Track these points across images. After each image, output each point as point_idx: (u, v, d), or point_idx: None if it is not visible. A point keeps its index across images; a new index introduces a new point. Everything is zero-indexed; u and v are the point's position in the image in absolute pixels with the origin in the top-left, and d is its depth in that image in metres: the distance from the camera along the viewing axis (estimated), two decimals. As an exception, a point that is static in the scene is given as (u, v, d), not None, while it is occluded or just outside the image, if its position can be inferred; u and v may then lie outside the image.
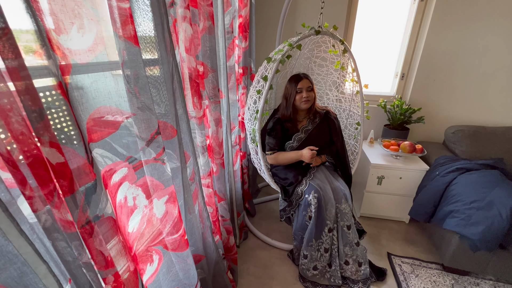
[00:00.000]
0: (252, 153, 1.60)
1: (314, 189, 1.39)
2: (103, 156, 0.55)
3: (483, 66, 1.92)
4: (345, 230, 1.42)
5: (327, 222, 1.40)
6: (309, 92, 1.44)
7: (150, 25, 0.64)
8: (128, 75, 0.64)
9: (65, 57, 0.45)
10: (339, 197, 1.43)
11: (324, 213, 1.39)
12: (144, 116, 0.66)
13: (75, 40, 0.48)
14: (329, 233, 1.41)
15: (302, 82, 1.43)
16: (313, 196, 1.37)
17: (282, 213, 1.56)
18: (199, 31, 0.99)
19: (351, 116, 1.84)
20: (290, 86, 1.47)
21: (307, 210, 1.40)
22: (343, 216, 1.42)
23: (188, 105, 0.98)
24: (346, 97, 1.84)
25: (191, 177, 1.02)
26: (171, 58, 0.78)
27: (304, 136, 1.53)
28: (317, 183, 1.44)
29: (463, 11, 1.83)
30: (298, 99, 1.45)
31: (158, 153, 0.68)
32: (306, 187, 1.44)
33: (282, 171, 1.57)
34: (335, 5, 2.01)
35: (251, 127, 1.47)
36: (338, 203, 1.42)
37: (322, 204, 1.38)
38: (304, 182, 1.47)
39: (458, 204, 1.41)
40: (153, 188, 0.70)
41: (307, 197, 1.39)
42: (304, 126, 1.55)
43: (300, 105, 1.46)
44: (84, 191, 0.45)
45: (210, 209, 1.21)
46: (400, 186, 1.87)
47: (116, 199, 0.60)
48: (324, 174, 1.55)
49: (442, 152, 1.93)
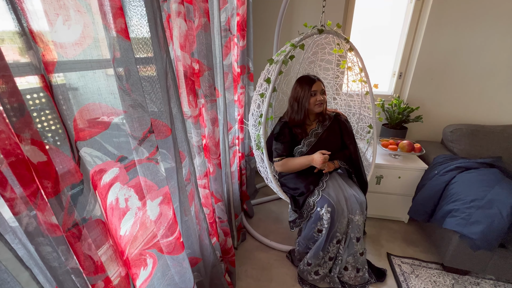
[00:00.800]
0: (258, 161, 1.49)
1: (327, 202, 1.29)
2: (93, 156, 0.52)
3: (480, 65, 1.92)
4: (353, 241, 1.34)
5: (337, 234, 1.32)
6: (323, 95, 1.38)
7: (143, 19, 0.62)
8: (119, 71, 0.62)
9: (48, 50, 0.42)
10: (353, 207, 1.32)
11: (336, 227, 1.30)
12: (136, 114, 0.63)
13: (60, 32, 0.45)
14: (337, 244, 1.34)
15: (316, 85, 1.36)
16: (326, 210, 1.27)
17: (292, 225, 1.44)
18: (194, 28, 0.96)
19: (362, 119, 1.76)
20: (302, 89, 1.37)
21: (317, 223, 1.32)
22: (354, 228, 1.32)
23: (183, 104, 0.95)
24: (355, 100, 1.76)
25: (187, 178, 0.99)
26: (165, 55, 0.75)
27: (314, 139, 1.43)
28: (330, 194, 1.33)
29: (459, 10, 1.83)
30: (313, 102, 1.36)
31: (151, 152, 0.66)
32: (318, 198, 1.33)
33: (291, 180, 1.46)
34: (332, 4, 2.00)
35: (256, 133, 1.37)
36: (352, 214, 1.32)
37: (335, 219, 1.28)
38: (317, 192, 1.36)
39: (457, 203, 1.40)
40: (146, 189, 0.67)
41: (319, 210, 1.30)
42: (314, 129, 1.46)
43: (314, 108, 1.38)
44: (70, 192, 0.43)
45: (207, 211, 1.19)
46: (399, 185, 1.85)
47: (106, 200, 0.57)
48: (337, 182, 1.43)
49: (440, 151, 1.92)
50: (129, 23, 0.58)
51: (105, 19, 0.55)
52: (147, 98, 0.70)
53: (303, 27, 1.45)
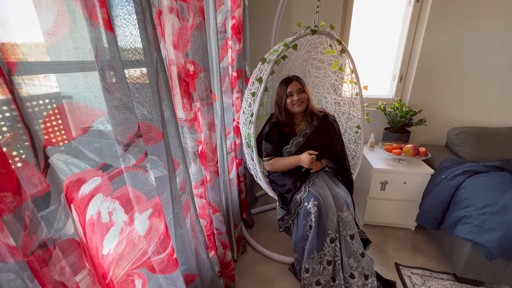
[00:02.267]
0: (248, 159, 1.51)
1: (313, 196, 1.30)
2: (68, 163, 0.45)
3: (482, 66, 1.89)
4: (348, 240, 1.33)
5: (328, 231, 1.31)
6: (300, 94, 1.38)
7: (129, 8, 0.56)
8: (103, 68, 0.55)
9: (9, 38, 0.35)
10: (341, 204, 1.34)
11: (325, 222, 1.30)
12: (121, 116, 0.56)
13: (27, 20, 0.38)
14: (331, 243, 1.31)
15: (292, 85, 1.38)
16: (313, 204, 1.28)
17: (281, 223, 1.46)
18: (188, 27, 0.91)
19: (351, 119, 1.77)
20: (280, 90, 1.41)
21: (307, 219, 1.31)
22: (345, 225, 1.33)
23: (176, 107, 0.89)
24: (345, 100, 1.77)
25: (182, 187, 0.91)
26: (155, 52, 0.69)
27: (302, 140, 1.46)
28: (317, 190, 1.35)
29: (459, 11, 1.80)
30: (290, 103, 1.39)
31: (139, 159, 0.58)
32: (305, 194, 1.35)
33: (279, 177, 1.49)
34: (330, 7, 1.98)
35: (246, 132, 1.39)
36: (340, 211, 1.33)
37: (322, 212, 1.29)
38: (303, 188, 1.38)
39: (469, 209, 1.33)
40: (134, 200, 0.60)
41: (306, 205, 1.30)
42: (302, 129, 1.47)
43: (293, 109, 1.40)
44: (31, 207, 0.35)
45: (204, 222, 1.10)
46: (404, 191, 1.78)
47: (86, 215, 0.49)
48: (324, 180, 1.46)
49: (445, 155, 1.86)
50: (113, 13, 0.52)
51: (85, 8, 0.49)
52: (135, 99, 0.63)
53: (298, 29, 1.41)
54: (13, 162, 0.35)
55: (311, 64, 1.87)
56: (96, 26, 0.52)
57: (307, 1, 2.01)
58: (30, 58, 0.40)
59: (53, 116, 0.43)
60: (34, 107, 0.38)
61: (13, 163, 0.35)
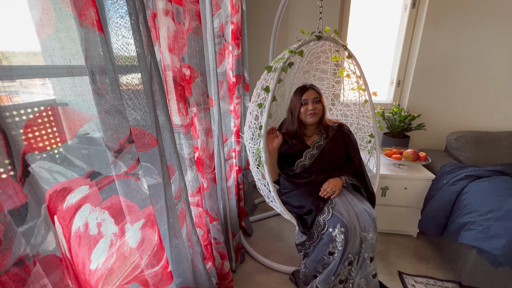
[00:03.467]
0: (257, 178, 1.32)
1: (340, 222, 1.15)
2: (52, 172, 0.42)
3: (480, 70, 1.89)
4: (367, 262, 1.20)
5: (349, 256, 1.19)
6: (316, 104, 1.28)
7: (121, 10, 0.53)
8: (93, 71, 0.53)
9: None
10: (366, 224, 1.18)
11: (349, 249, 1.17)
12: (112, 121, 0.53)
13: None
14: (348, 266, 1.20)
15: (308, 93, 1.27)
16: (340, 231, 1.12)
17: (301, 248, 1.30)
18: (184, 31, 0.89)
19: (361, 129, 1.68)
20: (295, 98, 1.31)
21: (329, 245, 1.18)
22: (368, 247, 1.18)
23: (172, 112, 0.86)
24: (352, 109, 1.69)
25: (177, 195, 0.88)
26: (149, 55, 0.66)
27: (316, 152, 1.34)
28: (341, 212, 1.19)
29: (455, 16, 1.82)
30: (304, 112, 1.28)
31: (131, 166, 0.55)
32: (329, 216, 1.19)
33: (294, 197, 1.33)
34: (326, 13, 1.98)
35: (255, 147, 1.22)
36: (365, 231, 1.18)
37: (348, 239, 1.15)
38: (326, 210, 1.21)
39: (473, 215, 1.30)
40: (125, 210, 0.56)
41: (331, 231, 1.15)
42: (315, 141, 1.36)
43: (306, 119, 1.29)
44: (5, 220, 0.32)
45: (201, 232, 1.06)
46: (405, 196, 1.75)
47: (71, 227, 0.46)
48: (346, 197, 1.29)
49: (445, 160, 1.84)
50: (102, 13, 0.49)
51: (73, 7, 0.46)
52: (127, 103, 0.61)
53: (299, 36, 1.40)
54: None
55: (313, 76, 1.81)
56: (86, 26, 0.50)
57: (305, 8, 2.02)
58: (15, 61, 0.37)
59: (36, 121, 0.40)
60: (12, 111, 0.35)
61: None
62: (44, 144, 0.40)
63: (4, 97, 0.35)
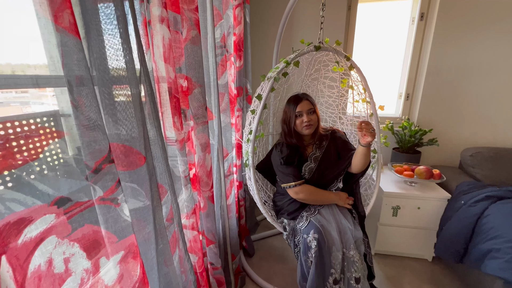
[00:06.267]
0: (246, 178, 1.36)
1: (314, 227, 1.13)
2: (5, 200, 0.34)
3: (493, 83, 1.81)
4: (352, 284, 1.12)
5: (331, 271, 1.11)
6: (310, 116, 1.24)
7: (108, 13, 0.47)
8: (70, 80, 0.46)
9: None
10: (347, 240, 1.15)
11: (328, 259, 1.11)
12: (89, 138, 0.46)
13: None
14: (335, 285, 1.11)
15: (302, 104, 1.23)
16: (313, 237, 1.10)
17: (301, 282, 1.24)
18: (182, 40, 0.84)
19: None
20: (288, 109, 1.26)
21: (307, 254, 1.13)
22: (350, 266, 1.13)
23: (165, 126, 0.79)
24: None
25: (169, 217, 0.79)
26: (140, 64, 0.60)
27: (314, 165, 1.29)
28: (320, 221, 1.17)
29: (465, 27, 1.76)
30: (299, 124, 1.24)
31: (109, 189, 0.47)
32: (306, 224, 1.18)
33: (279, 197, 1.36)
34: (332, 24, 1.95)
35: (245, 150, 1.30)
36: (346, 248, 1.14)
37: (323, 247, 1.10)
38: (305, 217, 1.21)
39: (497, 241, 1.17)
40: (101, 242, 0.48)
41: (306, 237, 1.13)
42: (312, 153, 1.31)
43: (302, 131, 1.25)
44: None
45: (195, 258, 0.96)
46: (419, 217, 1.63)
47: (27, 267, 0.37)
48: (333, 210, 1.26)
49: (461, 177, 1.72)
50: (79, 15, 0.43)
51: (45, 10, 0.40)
52: (111, 117, 0.54)
53: (299, 46, 1.35)
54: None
55: (322, 83, 1.76)
56: (62, 31, 0.44)
57: (310, 19, 1.99)
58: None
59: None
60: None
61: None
62: (3, 165, 0.33)
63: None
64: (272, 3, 2.01)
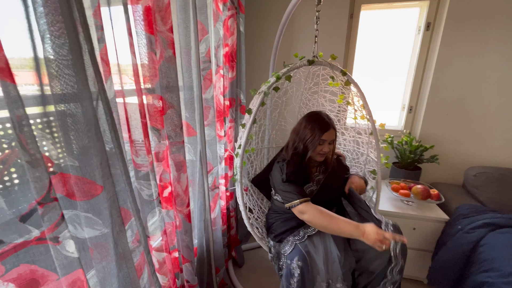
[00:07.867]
0: (238, 197, 1.31)
1: (298, 254, 1.05)
2: None
3: (502, 99, 1.69)
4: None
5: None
6: (330, 145, 1.17)
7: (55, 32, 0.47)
8: (12, 118, 0.46)
9: None
10: (335, 273, 1.06)
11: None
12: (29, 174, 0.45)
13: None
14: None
15: (329, 133, 1.13)
16: (297, 264, 1.03)
17: None
18: (156, 61, 0.82)
19: (369, 162, 1.48)
20: (312, 133, 1.14)
21: (289, 280, 1.06)
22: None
23: (132, 150, 0.78)
24: (363, 137, 1.50)
25: (135, 240, 0.78)
26: (96, 88, 0.59)
27: (315, 188, 1.22)
28: (306, 246, 1.09)
29: (473, 40, 1.65)
30: (318, 151, 1.16)
31: (48, 228, 0.47)
32: (291, 249, 1.10)
33: (272, 214, 1.28)
34: (332, 35, 1.89)
35: (235, 164, 1.28)
36: (332, 280, 1.05)
37: (306, 277, 1.03)
38: (291, 242, 1.12)
39: (491, 275, 1.10)
40: (39, 280, 0.47)
41: (289, 263, 1.05)
42: (315, 174, 1.26)
43: (315, 157, 1.18)
44: None
45: (165, 279, 0.95)
46: (414, 238, 1.55)
47: None
48: (322, 238, 1.14)
49: (463, 198, 1.63)
50: (9, 50, 0.42)
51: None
52: (57, 148, 0.53)
53: (292, 60, 1.31)
54: None
55: (323, 97, 1.68)
56: None
57: (309, 31, 1.94)
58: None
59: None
60: None
61: None
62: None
63: None
64: (269, 13, 1.97)
